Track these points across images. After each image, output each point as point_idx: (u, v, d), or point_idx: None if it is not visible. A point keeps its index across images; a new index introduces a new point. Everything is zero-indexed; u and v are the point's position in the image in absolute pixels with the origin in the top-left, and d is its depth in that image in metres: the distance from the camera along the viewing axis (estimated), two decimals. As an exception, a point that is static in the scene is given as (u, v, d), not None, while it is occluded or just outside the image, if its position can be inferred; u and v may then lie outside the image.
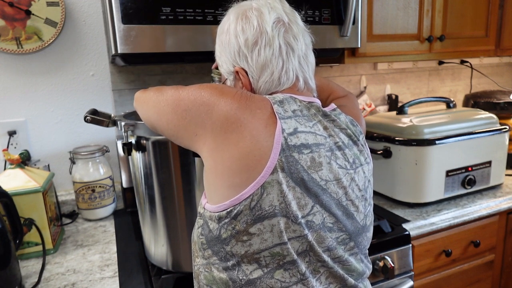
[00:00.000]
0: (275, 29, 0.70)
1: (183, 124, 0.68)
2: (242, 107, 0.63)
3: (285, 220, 0.62)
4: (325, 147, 0.66)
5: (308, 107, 0.69)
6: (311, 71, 0.75)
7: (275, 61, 0.70)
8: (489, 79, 2.17)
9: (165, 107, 0.71)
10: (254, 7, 0.72)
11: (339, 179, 0.66)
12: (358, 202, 0.70)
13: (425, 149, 1.26)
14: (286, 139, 0.62)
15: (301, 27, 0.74)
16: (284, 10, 0.73)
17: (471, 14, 1.56)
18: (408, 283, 1.13)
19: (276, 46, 0.70)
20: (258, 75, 0.72)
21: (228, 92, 0.66)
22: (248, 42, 0.71)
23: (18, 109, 1.29)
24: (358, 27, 1.24)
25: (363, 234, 0.72)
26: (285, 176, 0.61)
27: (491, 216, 1.35)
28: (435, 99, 1.49)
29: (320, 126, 0.68)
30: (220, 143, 0.63)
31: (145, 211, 0.99)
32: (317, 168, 0.64)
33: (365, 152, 0.75)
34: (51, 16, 1.24)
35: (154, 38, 1.00)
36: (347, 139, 0.71)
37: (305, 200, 0.63)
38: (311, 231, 0.63)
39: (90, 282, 0.93)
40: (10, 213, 0.97)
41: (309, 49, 0.75)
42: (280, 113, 0.64)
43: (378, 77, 1.86)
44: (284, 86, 0.72)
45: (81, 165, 1.29)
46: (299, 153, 0.63)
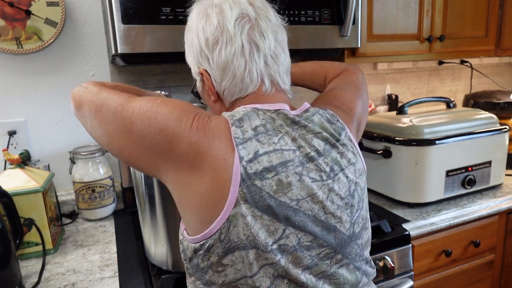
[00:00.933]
0: (237, 26, 0.65)
1: (139, 151, 0.63)
2: (201, 138, 0.59)
3: (254, 251, 0.59)
4: (294, 163, 0.61)
5: (274, 118, 0.64)
6: (282, 70, 0.70)
7: (236, 61, 0.65)
8: (489, 79, 2.17)
9: (115, 132, 0.64)
10: (215, 3, 0.68)
11: (314, 194, 0.62)
12: (340, 212, 0.65)
13: (425, 149, 1.26)
14: (245, 168, 0.58)
15: (273, 23, 0.69)
16: (252, 3, 0.68)
17: (471, 14, 1.56)
18: (408, 283, 1.13)
19: (238, 45, 0.65)
20: (220, 77, 0.67)
21: (186, 118, 0.61)
22: (208, 41, 0.66)
23: (18, 109, 1.29)
24: (358, 27, 1.24)
25: (351, 244, 0.67)
26: (250, 207, 0.58)
27: (491, 216, 1.35)
28: (435, 99, 1.49)
29: (288, 138, 0.63)
30: (184, 180, 0.61)
31: (145, 211, 0.99)
32: (285, 190, 0.60)
33: (349, 152, 0.69)
34: (51, 16, 1.24)
35: (154, 38, 1.00)
36: (323, 144, 0.65)
37: (275, 225, 0.60)
38: (285, 255, 0.61)
39: (90, 282, 0.93)
40: (10, 213, 0.97)
41: (281, 46, 0.69)
42: (239, 137, 0.60)
43: (378, 77, 1.86)
44: (249, 89, 0.67)
45: (81, 165, 1.29)
46: (262, 179, 0.59)
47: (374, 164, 1.39)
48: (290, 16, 1.13)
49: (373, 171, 1.41)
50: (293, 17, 1.13)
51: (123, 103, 0.64)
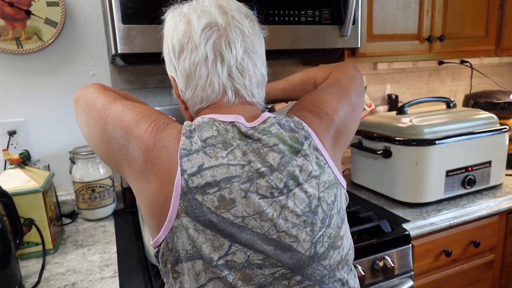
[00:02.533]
0: (203, 35, 0.64)
1: (109, 151, 0.66)
2: (151, 145, 0.60)
3: (202, 262, 0.59)
4: (240, 178, 0.59)
5: (227, 130, 0.62)
6: (249, 83, 0.67)
7: (199, 71, 0.65)
8: (489, 79, 2.17)
9: (94, 128, 0.68)
10: (184, 12, 0.68)
11: (262, 211, 0.59)
12: (296, 231, 0.60)
13: (425, 149, 1.26)
14: (186, 182, 0.58)
15: (245, 33, 0.67)
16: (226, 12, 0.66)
17: (471, 14, 1.56)
18: (408, 283, 1.13)
19: (201, 55, 0.64)
20: (185, 86, 0.68)
21: (144, 123, 0.62)
22: (175, 49, 0.67)
23: (18, 109, 1.29)
24: (358, 27, 1.24)
25: (313, 265, 0.62)
26: (191, 220, 0.58)
27: (491, 216, 1.35)
28: (435, 99, 1.49)
29: (238, 152, 0.61)
30: (137, 185, 0.63)
31: (145, 211, 0.99)
32: (228, 207, 0.58)
33: (312, 163, 0.64)
34: (51, 16, 1.24)
35: (154, 38, 1.00)
36: (279, 157, 0.62)
37: (219, 241, 0.58)
38: (233, 271, 0.59)
39: (90, 282, 0.93)
40: (10, 213, 0.97)
41: (251, 59, 0.67)
42: (185, 149, 0.59)
43: (378, 77, 1.86)
44: (210, 99, 0.67)
45: (81, 165, 1.29)
46: (203, 194, 0.58)
47: (374, 164, 1.39)
48: (290, 16, 1.13)
49: (373, 171, 1.41)
50: (293, 17, 1.13)
51: (105, 104, 0.68)
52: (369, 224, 1.15)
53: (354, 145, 1.46)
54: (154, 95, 1.44)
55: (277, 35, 1.12)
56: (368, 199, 1.40)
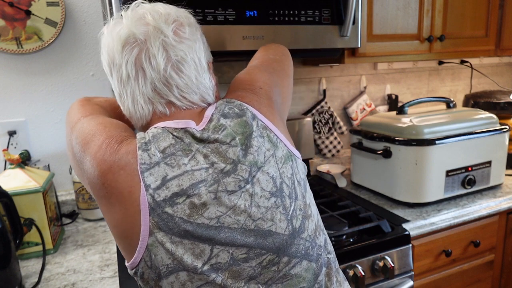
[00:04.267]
0: (123, 53, 0.64)
1: (79, 173, 0.67)
2: (106, 169, 0.59)
3: (186, 273, 0.58)
4: (206, 182, 0.59)
5: (182, 137, 0.62)
6: (179, 92, 0.65)
7: (124, 92, 0.66)
8: (489, 79, 2.17)
9: (68, 147, 0.70)
10: (105, 31, 0.68)
11: (234, 206, 0.60)
12: (270, 214, 0.61)
13: (425, 149, 1.26)
14: (153, 196, 0.57)
15: (169, 42, 0.64)
16: (146, 22, 0.64)
17: (471, 14, 1.56)
18: (408, 283, 1.13)
19: (124, 75, 0.64)
20: (122, 106, 0.69)
21: (95, 145, 0.61)
22: (107, 71, 0.68)
23: (18, 109, 1.29)
24: (358, 27, 1.24)
25: (295, 241, 0.63)
26: (165, 234, 0.57)
27: (491, 216, 1.35)
28: (435, 99, 1.49)
29: (200, 156, 0.61)
30: (101, 208, 0.62)
31: (145, 211, 0.99)
32: (200, 211, 0.58)
33: (265, 143, 0.64)
34: (51, 16, 1.24)
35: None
36: (239, 150, 0.62)
37: (199, 247, 0.58)
38: (220, 272, 0.59)
39: (90, 282, 0.93)
40: (10, 213, 0.97)
41: (176, 67, 0.65)
42: (145, 163, 0.58)
43: (378, 77, 1.86)
44: (145, 116, 0.66)
45: (81, 165, 1.29)
46: (172, 205, 0.57)
47: (374, 164, 1.39)
48: (290, 16, 1.13)
49: (373, 171, 1.41)
50: (293, 17, 1.13)
51: (73, 125, 0.69)
52: (369, 224, 1.15)
53: (354, 145, 1.46)
54: (154, 95, 1.44)
55: (277, 35, 1.12)
56: (368, 199, 1.40)
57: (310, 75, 1.70)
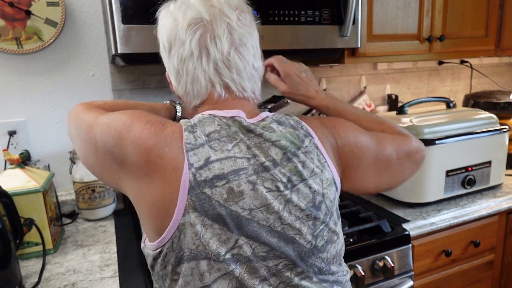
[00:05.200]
0: (189, 31, 0.65)
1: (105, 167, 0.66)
2: (151, 146, 0.59)
3: (206, 262, 0.59)
4: (247, 171, 0.60)
5: (229, 125, 0.63)
6: (238, 76, 0.67)
7: (185, 68, 0.66)
8: (489, 79, 2.17)
9: (87, 151, 0.68)
10: (171, 10, 0.69)
11: (268, 204, 0.60)
12: (299, 224, 0.62)
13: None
14: (194, 175, 0.58)
15: (233, 26, 0.66)
16: (212, 4, 0.66)
17: (471, 14, 1.56)
18: (408, 283, 1.13)
19: (187, 51, 0.65)
20: (176, 83, 0.69)
21: (138, 126, 0.61)
22: (165, 47, 0.69)
23: (18, 109, 1.29)
24: (358, 27, 1.24)
25: (313, 257, 0.64)
26: (199, 215, 0.58)
27: (491, 216, 1.35)
28: (435, 99, 1.49)
29: (243, 146, 0.62)
30: (138, 189, 0.62)
31: (145, 211, 0.99)
32: (237, 199, 0.59)
33: (314, 160, 0.65)
34: (51, 16, 1.24)
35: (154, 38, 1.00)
36: (281, 153, 0.63)
37: (227, 234, 0.59)
38: (239, 264, 0.59)
39: (90, 282, 0.93)
40: (10, 213, 0.97)
41: (238, 51, 0.67)
42: (190, 143, 0.59)
43: (378, 77, 1.86)
44: (201, 95, 0.68)
45: (81, 165, 1.29)
46: (212, 187, 0.58)
47: (374, 164, 1.39)
48: (290, 16, 1.13)
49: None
50: (293, 17, 1.13)
51: (91, 123, 0.67)
52: (369, 224, 1.15)
53: (354, 145, 1.46)
54: (154, 95, 1.44)
55: (277, 35, 1.12)
56: (368, 199, 1.40)
57: (310, 75, 1.70)
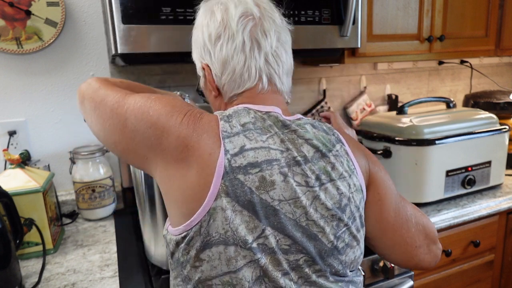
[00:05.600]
0: (240, 23, 0.67)
1: (131, 146, 0.65)
2: (190, 133, 0.61)
3: (234, 248, 0.59)
4: (280, 162, 0.61)
5: (264, 118, 0.65)
6: (282, 71, 0.71)
7: (236, 57, 0.68)
8: (489, 79, 2.17)
9: (111, 127, 0.67)
10: (222, 1, 0.71)
11: (297, 198, 0.61)
12: (324, 222, 0.63)
13: (425, 149, 1.26)
14: (229, 161, 0.59)
15: (277, 24, 0.71)
16: (258, 4, 0.70)
17: (471, 14, 1.56)
18: (408, 283, 1.13)
19: (239, 41, 0.67)
20: (221, 71, 0.69)
21: (178, 112, 0.63)
22: (211, 36, 0.69)
23: (18, 109, 1.29)
24: (358, 27, 1.24)
25: (332, 257, 0.64)
26: (230, 200, 0.58)
27: (491, 216, 1.35)
28: (435, 99, 1.49)
29: (277, 139, 0.63)
30: (170, 173, 0.62)
31: (145, 211, 0.99)
32: (268, 188, 0.60)
33: (343, 165, 0.67)
34: (51, 16, 1.24)
35: (154, 38, 1.00)
36: (312, 151, 0.64)
37: (255, 223, 0.59)
38: (264, 255, 0.60)
39: (90, 282, 0.93)
40: (10, 213, 0.97)
41: (283, 48, 0.71)
42: (226, 131, 0.61)
43: (378, 77, 1.86)
44: (246, 84, 0.69)
45: (81, 165, 1.29)
46: (245, 174, 0.59)
47: (374, 164, 1.39)
48: (290, 16, 1.13)
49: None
50: (293, 17, 1.13)
51: (119, 100, 0.67)
52: (369, 224, 1.14)
53: (354, 145, 1.46)
54: (154, 95, 1.44)
55: (277, 35, 1.12)
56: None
57: (310, 75, 1.70)
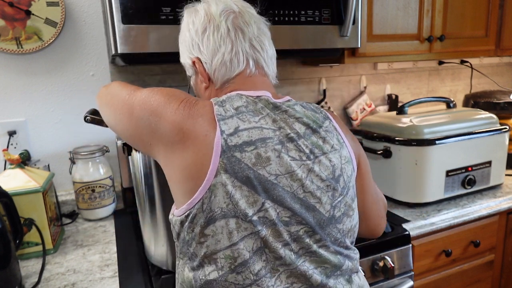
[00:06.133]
0: (222, 15, 0.73)
1: (137, 133, 0.71)
2: (186, 116, 0.65)
3: (235, 220, 0.63)
4: (273, 140, 0.65)
5: (256, 102, 0.69)
6: (266, 55, 0.76)
7: (223, 44, 0.72)
8: (489, 79, 2.17)
9: (120, 115, 0.73)
10: (203, 2, 0.78)
11: (292, 171, 0.65)
12: (320, 193, 0.67)
13: (425, 149, 1.26)
14: (226, 140, 0.63)
15: (256, 16, 0.77)
16: (236, 3, 0.76)
17: (471, 14, 1.56)
18: (408, 283, 1.13)
19: (224, 30, 0.72)
20: (210, 59, 0.74)
21: (175, 100, 0.67)
22: (198, 31, 0.74)
23: (18, 109, 1.29)
24: (358, 27, 1.24)
25: (330, 226, 0.68)
26: (229, 176, 0.62)
27: (491, 216, 1.35)
28: (435, 99, 1.49)
29: (269, 119, 0.67)
30: (170, 154, 0.67)
31: (145, 211, 0.99)
32: (264, 164, 0.63)
33: (333, 139, 0.71)
34: (51, 16, 1.24)
35: (154, 38, 1.00)
36: (304, 128, 0.69)
37: (254, 197, 0.63)
38: (265, 227, 0.63)
39: (90, 282, 0.93)
40: (10, 213, 0.97)
41: (265, 36, 0.77)
42: (221, 114, 0.65)
43: (378, 77, 1.86)
44: (236, 69, 0.73)
45: (81, 165, 1.29)
46: (242, 151, 0.63)
47: (374, 164, 1.39)
48: (290, 16, 1.13)
49: (373, 171, 1.41)
50: (293, 17, 1.13)
51: (130, 93, 0.74)
52: (369, 224, 1.15)
53: (354, 145, 1.46)
54: (154, 95, 1.44)
55: (277, 35, 1.12)
56: (368, 199, 1.40)
57: (310, 75, 1.70)
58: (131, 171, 1.19)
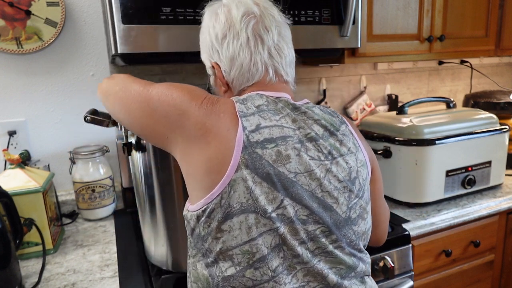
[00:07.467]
0: (243, 22, 0.73)
1: (151, 124, 0.70)
2: (209, 113, 0.66)
3: (254, 216, 0.63)
4: (293, 139, 0.66)
5: (276, 102, 0.70)
6: (285, 62, 0.76)
7: (243, 53, 0.73)
8: (489, 79, 2.17)
9: (133, 105, 0.72)
10: (224, 3, 0.76)
11: (311, 170, 0.66)
12: (337, 193, 0.68)
13: (425, 149, 1.26)
14: (247, 137, 0.63)
15: (277, 20, 0.76)
16: (258, 3, 0.75)
17: (471, 14, 1.56)
18: (408, 283, 1.13)
19: (243, 39, 0.73)
20: (229, 68, 0.75)
21: (198, 97, 0.68)
22: (218, 36, 0.75)
23: (18, 109, 1.29)
24: (358, 27, 1.24)
25: (346, 227, 0.69)
26: (250, 172, 0.62)
27: (491, 216, 1.35)
28: (435, 99, 1.49)
29: (289, 119, 0.68)
30: (190, 149, 0.67)
31: (145, 211, 0.99)
32: (284, 161, 0.64)
33: (349, 142, 0.73)
34: (51, 16, 1.24)
35: (154, 38, 1.00)
36: (322, 130, 0.70)
37: (274, 194, 0.63)
38: (283, 224, 0.64)
39: (90, 282, 0.93)
40: (10, 213, 0.97)
41: (284, 41, 0.76)
42: (242, 111, 0.66)
43: (378, 77, 1.86)
44: (255, 78, 0.74)
45: (81, 165, 1.29)
46: (263, 148, 0.63)
47: (374, 164, 1.39)
48: (290, 16, 1.12)
49: (373, 171, 1.41)
50: (293, 17, 1.13)
51: (144, 85, 0.73)
52: (369, 224, 1.15)
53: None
54: (154, 95, 1.44)
55: (277, 35, 1.12)
56: (368, 199, 1.40)
57: (310, 75, 1.70)
58: (131, 171, 1.19)
